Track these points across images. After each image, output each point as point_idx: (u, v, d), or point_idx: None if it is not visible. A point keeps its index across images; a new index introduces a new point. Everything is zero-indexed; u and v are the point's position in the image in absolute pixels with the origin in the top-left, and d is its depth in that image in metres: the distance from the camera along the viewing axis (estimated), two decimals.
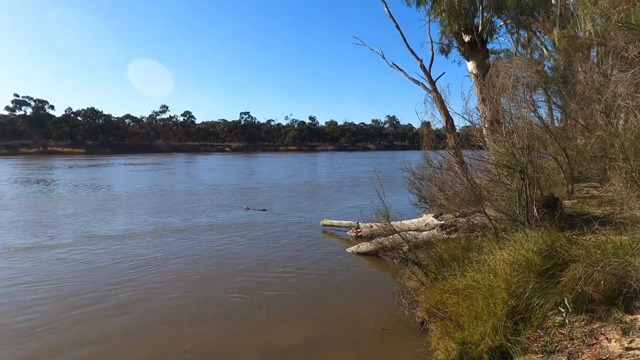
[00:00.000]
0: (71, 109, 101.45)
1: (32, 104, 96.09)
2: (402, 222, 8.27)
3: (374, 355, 4.37)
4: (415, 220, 8.41)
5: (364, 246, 8.41)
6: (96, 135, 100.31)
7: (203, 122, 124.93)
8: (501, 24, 14.51)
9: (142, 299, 6.04)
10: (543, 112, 10.39)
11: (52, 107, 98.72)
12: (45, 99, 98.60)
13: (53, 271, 7.33)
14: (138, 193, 19.05)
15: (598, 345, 3.10)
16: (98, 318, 5.40)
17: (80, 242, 9.43)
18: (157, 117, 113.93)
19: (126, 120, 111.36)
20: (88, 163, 48.37)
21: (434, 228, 7.43)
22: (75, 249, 8.80)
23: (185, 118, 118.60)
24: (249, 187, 22.24)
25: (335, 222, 10.82)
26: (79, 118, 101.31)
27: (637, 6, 6.13)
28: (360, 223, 9.89)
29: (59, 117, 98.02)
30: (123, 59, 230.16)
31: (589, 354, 3.07)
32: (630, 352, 2.92)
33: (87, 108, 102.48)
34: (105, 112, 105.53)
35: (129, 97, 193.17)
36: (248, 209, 14.33)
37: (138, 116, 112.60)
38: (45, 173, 32.55)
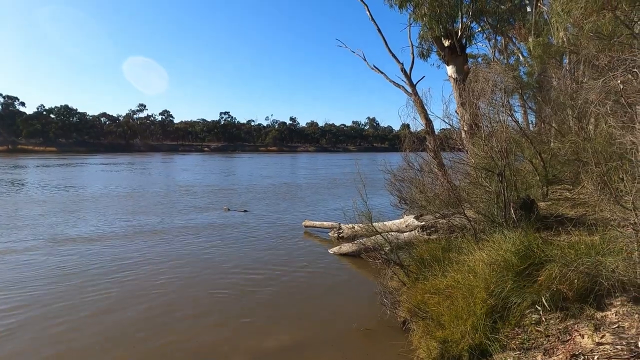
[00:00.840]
0: (43, 106, 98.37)
1: (1, 100, 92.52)
2: (384, 223, 8.37)
3: (358, 355, 4.42)
4: (396, 221, 8.53)
5: (346, 247, 8.47)
6: (70, 133, 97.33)
7: (182, 121, 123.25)
8: (479, 29, 14.92)
9: (118, 305, 5.92)
10: (519, 116, 10.74)
11: (22, 104, 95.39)
12: (15, 95, 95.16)
13: (19, 278, 7.09)
14: (109, 194, 18.57)
15: (572, 341, 3.24)
16: (74, 326, 5.26)
17: (47, 246, 9.14)
18: (134, 116, 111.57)
19: (102, 119, 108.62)
20: (58, 162, 46.84)
21: (414, 229, 7.56)
22: (42, 253, 8.53)
23: (164, 117, 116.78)
24: (229, 188, 22.04)
25: (317, 223, 10.86)
26: (52, 116, 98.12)
27: (607, 17, 6.42)
28: (342, 224, 9.96)
29: (30, 115, 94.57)
30: (114, 56, 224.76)
31: (563, 350, 3.20)
32: (601, 347, 3.06)
33: (61, 105, 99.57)
34: (80, 110, 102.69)
35: (122, 96, 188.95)
36: (229, 210, 14.20)
37: (114, 114, 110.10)
38: (11, 172, 31.34)
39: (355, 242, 8.41)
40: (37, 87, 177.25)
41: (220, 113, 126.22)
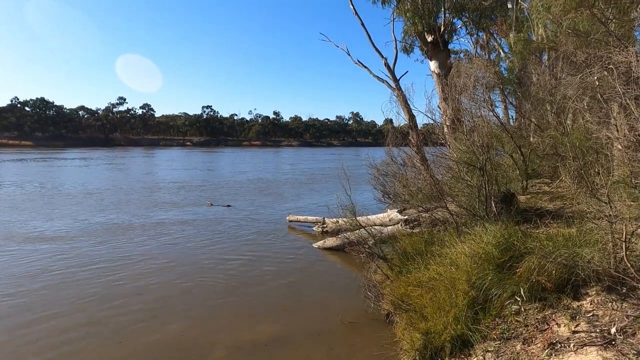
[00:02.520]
0: (18, 99, 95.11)
1: None
2: (368, 217, 8.44)
3: (342, 348, 4.46)
4: (380, 215, 8.60)
5: (330, 241, 8.50)
6: (46, 127, 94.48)
7: (163, 115, 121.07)
8: (461, 25, 15.07)
9: (105, 298, 5.81)
10: (500, 111, 10.93)
11: None
12: None
13: None
14: (88, 190, 18.17)
15: (549, 330, 3.34)
16: (60, 322, 5.14)
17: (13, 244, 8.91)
18: (114, 110, 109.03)
19: (80, 112, 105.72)
20: (32, 157, 45.50)
21: (398, 223, 7.64)
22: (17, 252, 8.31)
23: (144, 111, 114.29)
24: (211, 183, 21.81)
25: (301, 217, 10.86)
26: (27, 108, 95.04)
27: (584, 15, 6.56)
28: (326, 218, 9.99)
29: (3, 107, 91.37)
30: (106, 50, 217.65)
31: (541, 339, 3.30)
32: (576, 334, 3.16)
33: (36, 98, 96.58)
34: (57, 103, 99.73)
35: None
36: (212, 205, 14.06)
37: (93, 108, 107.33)
38: None
39: (340, 236, 8.45)
40: (18, 81, 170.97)
41: (203, 107, 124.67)
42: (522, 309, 3.71)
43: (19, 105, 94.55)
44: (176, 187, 19.11)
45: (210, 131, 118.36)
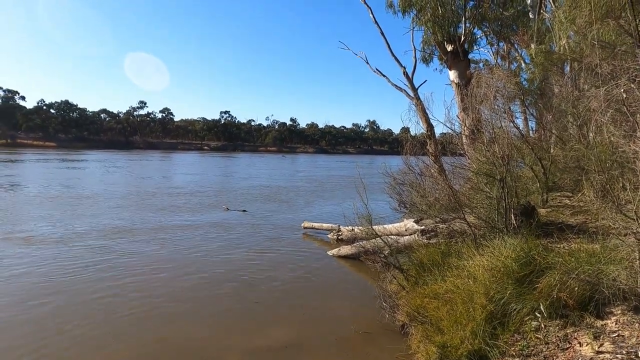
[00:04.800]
0: (44, 101, 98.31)
1: (1, 93, 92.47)
2: (384, 226, 8.39)
3: (357, 357, 4.42)
4: (396, 224, 8.54)
5: (345, 249, 8.47)
6: (69, 129, 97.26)
7: (182, 119, 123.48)
8: (482, 35, 14.96)
9: (117, 297, 5.90)
10: (520, 122, 10.76)
11: (22, 98, 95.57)
12: (15, 89, 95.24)
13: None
14: (113, 192, 18.56)
15: (571, 349, 3.24)
16: (70, 320, 5.24)
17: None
18: (135, 113, 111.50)
19: (102, 115, 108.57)
20: (58, 158, 46.76)
21: (414, 233, 7.56)
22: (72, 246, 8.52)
23: (164, 115, 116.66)
24: (228, 187, 22.02)
25: (316, 224, 10.86)
26: (52, 111, 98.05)
27: (610, 26, 6.44)
28: (341, 226, 9.96)
29: (29, 109, 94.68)
30: (116, 53, 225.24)
31: (562, 358, 3.20)
32: (600, 355, 3.06)
33: (61, 101, 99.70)
34: (80, 106, 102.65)
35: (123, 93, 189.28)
36: (228, 209, 14.19)
37: (115, 111, 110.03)
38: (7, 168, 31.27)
39: (355, 244, 8.40)
40: (36, 80, 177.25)
41: (221, 112, 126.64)
42: (543, 326, 3.61)
43: (44, 107, 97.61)
44: (193, 191, 19.36)
45: (228, 136, 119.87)
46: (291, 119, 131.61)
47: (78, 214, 12.41)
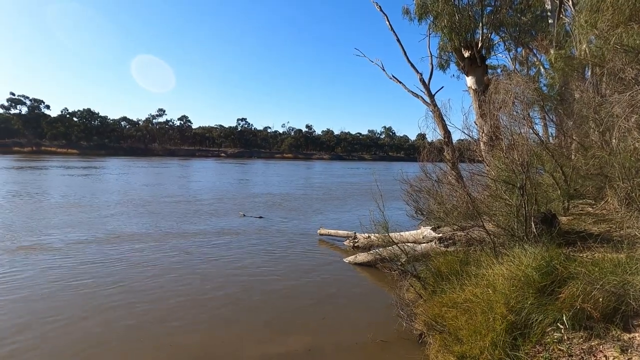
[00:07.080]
0: (67, 110, 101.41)
1: (28, 102, 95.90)
2: (401, 233, 8.32)
3: None
4: (413, 232, 8.46)
5: (361, 256, 8.42)
6: (91, 136, 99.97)
7: (200, 127, 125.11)
8: (499, 40, 14.81)
9: (131, 301, 6.00)
10: (539, 128, 10.58)
11: (47, 107, 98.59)
12: (41, 99, 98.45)
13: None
14: (132, 200, 18.94)
15: None
16: (90, 324, 5.35)
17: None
18: (154, 121, 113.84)
19: (122, 123, 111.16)
20: (81, 164, 48.01)
21: (431, 241, 7.48)
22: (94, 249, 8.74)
23: (182, 122, 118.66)
24: (244, 194, 22.21)
25: (332, 231, 10.84)
26: (75, 119, 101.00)
27: (634, 30, 6.30)
28: (357, 233, 9.92)
29: (54, 117, 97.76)
30: (123, 56, 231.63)
31: None
32: None
33: (84, 109, 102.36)
34: (101, 114, 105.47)
35: (129, 95, 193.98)
36: (244, 215, 14.30)
37: (134, 119, 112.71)
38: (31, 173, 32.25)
39: (371, 252, 8.35)
40: (45, 86, 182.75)
41: (238, 119, 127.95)
42: (566, 337, 3.51)
43: (67, 115, 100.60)
44: (210, 198, 19.59)
45: (244, 143, 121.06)
46: (307, 126, 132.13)
47: (102, 219, 12.72)
